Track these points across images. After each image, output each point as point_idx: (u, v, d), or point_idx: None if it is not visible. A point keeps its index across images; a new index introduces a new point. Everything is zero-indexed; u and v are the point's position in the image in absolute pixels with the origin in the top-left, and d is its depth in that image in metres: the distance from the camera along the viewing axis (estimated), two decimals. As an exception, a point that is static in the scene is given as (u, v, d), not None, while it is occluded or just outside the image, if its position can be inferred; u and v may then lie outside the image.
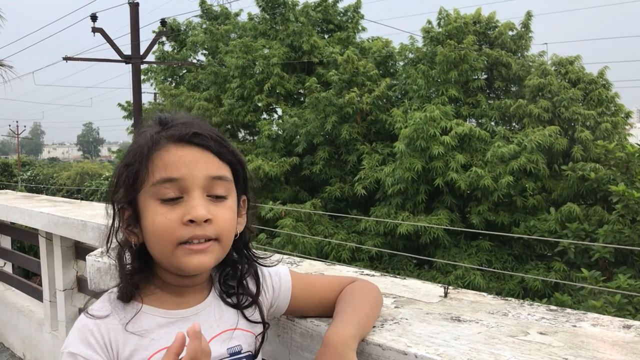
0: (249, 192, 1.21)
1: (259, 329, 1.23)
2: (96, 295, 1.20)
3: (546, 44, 17.52)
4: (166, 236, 1.05)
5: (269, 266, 1.30)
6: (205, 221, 1.05)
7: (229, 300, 1.20)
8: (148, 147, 1.07)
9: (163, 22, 18.05)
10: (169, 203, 1.05)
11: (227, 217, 1.09)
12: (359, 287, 1.34)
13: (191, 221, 1.04)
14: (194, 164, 1.06)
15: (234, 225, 1.13)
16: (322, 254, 12.43)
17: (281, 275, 1.31)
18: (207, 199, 1.07)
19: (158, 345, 1.08)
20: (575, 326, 1.27)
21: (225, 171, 1.10)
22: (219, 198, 1.09)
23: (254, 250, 1.28)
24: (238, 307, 1.21)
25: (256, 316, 1.23)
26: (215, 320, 1.17)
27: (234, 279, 1.23)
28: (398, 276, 1.76)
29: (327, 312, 1.33)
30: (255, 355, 1.22)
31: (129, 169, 1.08)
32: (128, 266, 1.13)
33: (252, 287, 1.25)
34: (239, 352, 1.17)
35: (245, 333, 1.20)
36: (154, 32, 18.29)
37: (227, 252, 1.15)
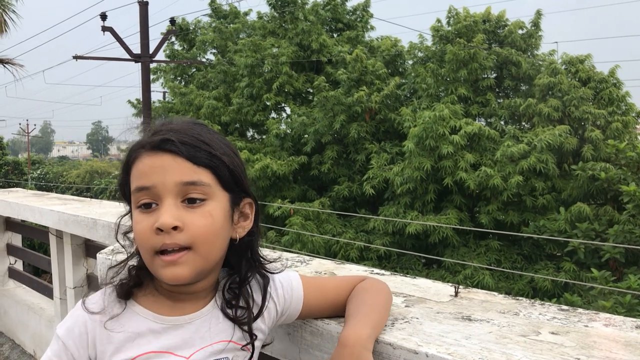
0: (251, 194, 1.17)
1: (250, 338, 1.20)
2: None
3: (556, 42, 17.47)
4: (143, 244, 1.06)
5: (274, 272, 1.27)
6: (175, 229, 1.03)
7: (228, 311, 1.17)
8: (129, 159, 1.11)
9: (172, 21, 18.10)
10: (145, 210, 1.06)
11: (201, 223, 1.05)
12: (369, 286, 1.34)
13: (160, 229, 1.03)
14: (164, 171, 1.05)
15: (214, 230, 1.07)
16: (330, 252, 12.43)
17: (293, 284, 1.29)
18: (181, 205, 1.05)
19: (144, 349, 1.08)
20: (587, 326, 1.26)
21: (201, 176, 1.06)
22: (194, 202, 1.06)
23: (261, 257, 1.25)
24: (235, 321, 1.17)
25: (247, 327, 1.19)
26: (208, 331, 1.14)
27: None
28: (408, 275, 1.75)
29: (338, 312, 1.33)
30: None
31: (119, 178, 1.14)
32: (135, 261, 1.15)
33: (258, 298, 1.23)
34: None
35: (238, 346, 1.17)
36: (162, 33, 18.35)
37: (212, 260, 1.10)
